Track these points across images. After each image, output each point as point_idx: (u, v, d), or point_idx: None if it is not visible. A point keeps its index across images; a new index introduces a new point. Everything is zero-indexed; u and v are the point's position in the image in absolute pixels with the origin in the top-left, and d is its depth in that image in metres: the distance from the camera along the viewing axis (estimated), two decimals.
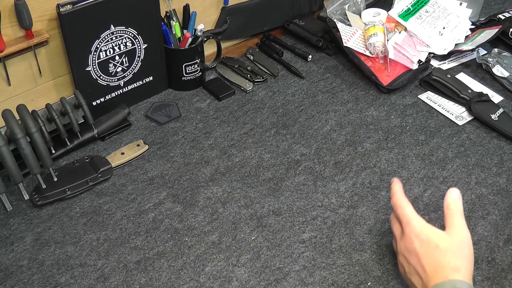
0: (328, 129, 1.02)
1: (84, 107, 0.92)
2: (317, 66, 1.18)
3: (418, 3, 1.22)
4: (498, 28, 1.18)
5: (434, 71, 1.10)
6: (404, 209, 0.72)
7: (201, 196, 0.89)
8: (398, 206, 0.73)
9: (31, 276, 0.77)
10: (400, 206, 0.73)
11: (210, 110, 1.07)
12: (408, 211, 0.72)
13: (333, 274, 0.77)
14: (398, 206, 0.74)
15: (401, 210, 0.73)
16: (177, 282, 0.76)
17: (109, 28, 0.95)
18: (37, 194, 0.87)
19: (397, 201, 0.74)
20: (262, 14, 1.22)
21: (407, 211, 0.72)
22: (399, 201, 0.74)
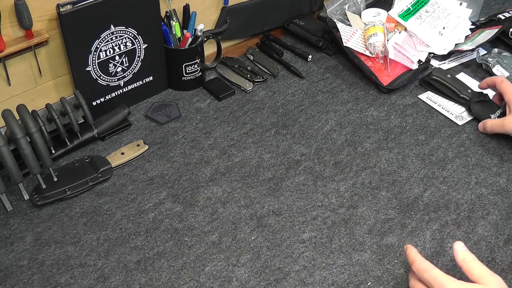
0: (328, 129, 1.02)
1: (84, 107, 0.92)
2: (317, 66, 1.18)
3: (418, 3, 1.22)
4: (498, 28, 1.18)
5: (434, 71, 1.10)
6: (433, 272, 0.69)
7: (201, 196, 0.89)
8: (423, 270, 0.69)
9: (31, 276, 0.77)
10: (425, 269, 0.69)
11: (210, 110, 1.07)
12: (437, 273, 0.68)
13: (333, 274, 0.77)
14: (423, 270, 0.69)
15: (429, 274, 0.69)
16: (177, 282, 0.76)
17: (109, 28, 0.95)
18: (37, 194, 0.87)
19: (421, 264, 0.70)
20: (262, 14, 1.22)
21: (437, 273, 0.68)
22: (423, 264, 0.70)
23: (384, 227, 0.84)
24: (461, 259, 0.70)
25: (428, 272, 0.69)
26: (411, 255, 0.72)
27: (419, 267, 0.70)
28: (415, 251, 0.72)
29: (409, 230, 0.83)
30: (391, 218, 0.85)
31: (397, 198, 0.89)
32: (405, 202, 0.88)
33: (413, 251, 0.73)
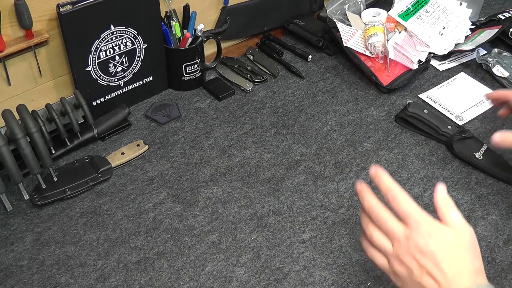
0: (328, 129, 1.02)
1: (84, 107, 0.92)
2: (317, 66, 1.18)
3: (418, 3, 1.22)
4: (498, 28, 1.18)
5: (410, 107, 1.01)
6: (410, 205, 0.63)
7: (201, 196, 0.89)
8: (399, 201, 0.63)
9: (31, 276, 0.77)
10: (402, 201, 0.63)
11: (210, 110, 1.07)
12: (415, 208, 0.63)
13: (333, 274, 0.77)
14: (399, 201, 0.63)
15: (406, 206, 0.63)
16: (177, 282, 0.76)
17: (109, 28, 0.95)
18: (37, 194, 0.87)
19: (397, 194, 0.64)
20: (262, 14, 1.22)
21: (415, 208, 0.63)
22: (399, 194, 0.64)
23: None
24: (440, 200, 0.65)
25: (406, 205, 0.63)
26: (386, 182, 0.64)
27: (395, 196, 0.63)
28: (384, 174, 0.65)
29: None
30: None
31: None
32: None
33: (382, 173, 0.65)
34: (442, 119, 1.01)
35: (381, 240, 0.64)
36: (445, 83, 1.13)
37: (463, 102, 1.08)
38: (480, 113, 1.06)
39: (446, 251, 0.61)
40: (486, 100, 0.97)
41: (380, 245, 0.64)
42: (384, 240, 0.64)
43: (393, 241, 0.63)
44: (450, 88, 1.12)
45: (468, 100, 1.08)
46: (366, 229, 0.65)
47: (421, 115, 1.00)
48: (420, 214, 0.63)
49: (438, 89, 1.12)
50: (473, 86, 1.12)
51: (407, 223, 0.63)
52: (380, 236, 0.64)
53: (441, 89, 1.12)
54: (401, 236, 0.63)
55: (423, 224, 0.62)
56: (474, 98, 1.09)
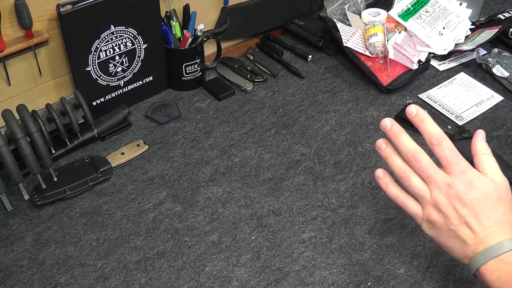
0: (328, 129, 1.02)
1: (84, 107, 0.92)
2: (317, 66, 1.18)
3: (418, 3, 1.22)
4: (498, 28, 1.18)
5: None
6: (456, 153, 0.62)
7: (201, 196, 0.89)
8: (445, 147, 0.62)
9: (31, 276, 0.77)
10: (449, 147, 0.62)
11: (210, 110, 1.07)
12: (461, 157, 0.62)
13: (333, 274, 0.77)
14: (445, 146, 0.62)
15: (452, 153, 0.62)
16: (177, 282, 0.76)
17: (109, 28, 0.95)
18: (37, 194, 0.87)
19: (443, 139, 0.62)
20: (262, 14, 1.22)
21: (460, 156, 0.62)
22: (445, 140, 0.62)
23: (384, 227, 0.84)
24: (478, 148, 0.65)
25: (451, 151, 0.62)
26: (429, 125, 0.63)
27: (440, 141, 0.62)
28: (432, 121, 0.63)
29: (409, 230, 0.83)
30: (391, 218, 0.85)
31: None
32: None
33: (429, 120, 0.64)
34: (442, 119, 1.01)
35: (420, 186, 0.63)
36: (445, 83, 1.13)
37: (463, 102, 1.08)
38: (480, 113, 1.06)
39: (486, 203, 0.61)
40: None
41: (418, 190, 0.63)
42: (423, 186, 0.63)
43: (432, 188, 0.62)
44: (450, 88, 1.12)
45: (468, 100, 1.08)
46: (403, 173, 0.63)
47: None
48: (465, 163, 0.62)
49: (438, 89, 1.12)
50: (473, 86, 1.12)
51: (449, 170, 0.62)
52: (419, 181, 0.63)
53: (441, 89, 1.12)
54: (441, 183, 0.62)
55: (467, 173, 0.61)
56: (474, 98, 1.09)
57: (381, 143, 0.66)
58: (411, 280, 0.76)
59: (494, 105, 1.07)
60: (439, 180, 0.62)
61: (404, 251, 0.80)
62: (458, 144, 0.94)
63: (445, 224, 0.62)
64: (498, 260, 0.60)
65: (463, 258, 0.63)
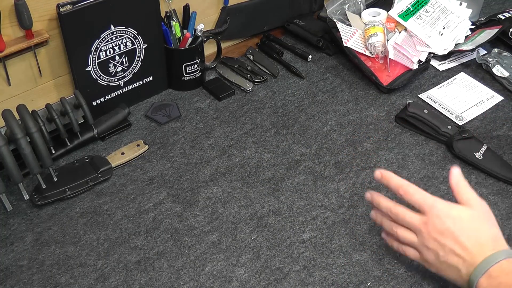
0: (328, 129, 1.02)
1: (84, 107, 0.92)
2: (317, 66, 1.18)
3: (418, 3, 1.22)
4: (498, 28, 1.18)
5: (410, 107, 1.00)
6: (422, 194, 0.70)
7: (201, 196, 0.89)
8: (412, 193, 0.70)
9: (31, 276, 0.77)
10: (414, 192, 0.70)
11: (210, 110, 1.07)
12: (427, 195, 0.69)
13: (333, 274, 0.77)
14: (411, 193, 0.70)
15: (419, 196, 0.70)
16: (177, 282, 0.76)
17: (109, 28, 0.95)
18: (37, 194, 0.87)
19: (407, 188, 0.70)
20: (262, 14, 1.22)
21: (426, 195, 0.69)
22: (410, 187, 0.70)
23: None
24: (455, 181, 0.71)
25: (419, 194, 0.69)
26: (394, 180, 0.71)
27: (406, 189, 0.70)
28: (393, 175, 0.72)
29: None
30: None
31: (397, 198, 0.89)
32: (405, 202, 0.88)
33: (391, 174, 0.72)
34: (442, 119, 1.01)
35: (406, 235, 0.70)
36: (445, 83, 1.13)
37: (463, 102, 1.08)
38: (480, 113, 1.06)
39: (462, 226, 0.66)
40: None
41: (407, 239, 0.70)
42: (409, 234, 0.70)
43: (416, 232, 0.69)
44: (450, 88, 1.12)
45: (468, 100, 1.08)
46: (391, 230, 0.72)
47: (421, 115, 1.00)
48: (432, 199, 0.69)
49: (438, 89, 1.12)
50: (473, 86, 1.12)
51: (422, 210, 0.69)
52: (404, 231, 0.70)
53: (441, 89, 1.12)
54: (420, 224, 0.68)
55: (437, 207, 0.68)
56: (474, 98, 1.09)
57: (372, 213, 0.76)
58: (411, 280, 0.76)
59: (494, 105, 1.07)
60: (417, 223, 0.69)
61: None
62: (458, 143, 0.95)
63: (436, 258, 0.68)
64: (486, 276, 0.63)
65: (464, 285, 0.67)
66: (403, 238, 0.71)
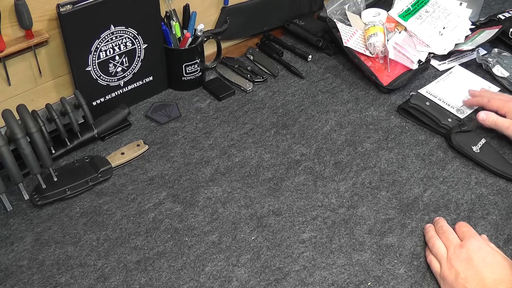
0: (328, 129, 1.02)
1: (84, 107, 0.92)
2: (317, 66, 1.18)
3: (418, 3, 1.22)
4: (498, 28, 1.18)
5: (412, 98, 1.03)
6: (470, 228, 0.80)
7: (201, 196, 0.89)
8: (464, 225, 0.82)
9: (31, 276, 0.77)
10: (465, 225, 0.81)
11: (210, 110, 1.07)
12: (472, 229, 0.80)
13: (333, 274, 0.77)
14: (464, 225, 0.82)
15: (467, 228, 0.80)
16: (177, 282, 0.76)
17: (109, 28, 0.95)
18: (37, 194, 0.87)
19: (462, 223, 0.83)
20: (262, 14, 1.22)
21: (471, 229, 0.80)
22: (463, 223, 0.83)
23: (384, 227, 0.84)
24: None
25: (467, 226, 0.81)
26: (440, 222, 0.83)
27: (460, 224, 0.82)
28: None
29: (409, 230, 0.83)
30: (391, 218, 0.85)
31: (397, 198, 0.89)
32: (405, 202, 0.88)
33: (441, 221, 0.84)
34: (443, 112, 1.02)
35: (440, 248, 0.78)
36: (442, 77, 1.14)
37: (462, 95, 1.09)
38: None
39: (490, 262, 0.73)
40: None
41: (438, 251, 0.78)
42: (443, 248, 0.78)
43: (449, 249, 0.77)
44: (448, 81, 1.13)
45: (467, 93, 1.09)
46: (431, 239, 0.80)
47: (423, 107, 1.01)
48: (474, 233, 0.79)
49: (437, 83, 1.12)
50: (469, 78, 1.13)
51: (463, 238, 0.79)
52: (441, 244, 0.79)
53: (439, 83, 1.13)
54: (456, 245, 0.77)
55: (476, 238, 0.77)
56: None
57: (427, 225, 0.84)
58: (411, 280, 0.77)
59: None
60: (454, 242, 0.78)
61: (404, 251, 0.80)
62: (456, 136, 0.96)
63: (455, 278, 0.73)
64: None
65: None
66: (436, 248, 0.78)
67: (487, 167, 0.93)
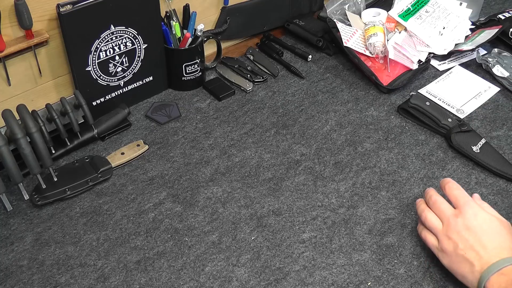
0: (328, 129, 1.02)
1: (84, 107, 0.92)
2: (317, 66, 1.18)
3: (418, 3, 1.22)
4: (498, 28, 1.18)
5: (413, 98, 1.02)
6: (461, 190, 0.77)
7: (201, 196, 0.89)
8: (455, 188, 0.77)
9: (31, 276, 0.77)
10: (457, 187, 0.77)
11: (210, 110, 1.07)
12: (465, 193, 0.76)
13: (333, 274, 0.77)
14: (455, 187, 0.77)
15: (457, 192, 0.76)
16: (177, 282, 0.76)
17: (109, 28, 0.95)
18: (37, 194, 0.87)
19: (451, 183, 0.78)
20: (262, 14, 1.22)
21: (464, 193, 0.76)
22: (453, 183, 0.78)
23: (384, 227, 0.84)
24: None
25: (459, 191, 0.77)
26: (446, 179, 0.79)
27: (451, 185, 0.78)
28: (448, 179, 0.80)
29: (409, 230, 0.83)
30: (391, 218, 0.85)
31: (397, 198, 0.89)
32: (405, 202, 0.88)
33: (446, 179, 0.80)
34: (443, 112, 1.02)
35: (433, 220, 0.75)
36: (442, 77, 1.14)
37: (462, 95, 1.09)
38: (480, 105, 1.07)
39: (488, 228, 0.71)
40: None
41: (432, 224, 0.75)
42: (436, 220, 0.75)
43: (443, 221, 0.75)
44: (448, 81, 1.13)
45: (467, 93, 1.09)
46: (422, 213, 0.77)
47: (423, 107, 1.01)
48: (468, 197, 0.75)
49: (437, 83, 1.12)
50: (470, 78, 1.13)
51: (456, 205, 0.75)
52: (433, 217, 0.76)
53: (439, 83, 1.13)
54: (450, 215, 0.74)
55: (470, 205, 0.74)
56: (472, 90, 1.11)
57: (418, 200, 0.82)
58: (411, 280, 0.77)
59: (494, 104, 1.07)
60: (448, 213, 0.75)
61: (404, 251, 0.80)
62: (456, 136, 0.96)
63: (454, 250, 0.72)
64: (499, 274, 0.67)
65: (473, 281, 0.70)
66: (429, 221, 0.76)
67: (487, 167, 0.93)
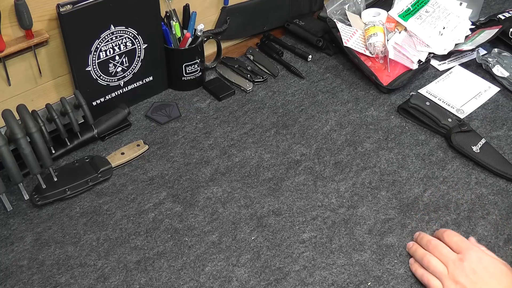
0: (328, 129, 1.02)
1: (84, 107, 0.92)
2: (317, 66, 1.18)
3: (418, 3, 1.22)
4: (498, 28, 1.18)
5: (413, 98, 1.02)
6: (460, 237, 0.78)
7: (201, 196, 0.89)
8: (454, 235, 0.78)
9: (31, 276, 0.77)
10: (455, 234, 0.79)
11: (210, 110, 1.07)
12: (465, 239, 0.78)
13: (333, 274, 0.77)
14: (453, 234, 0.78)
15: (458, 238, 0.78)
16: (177, 282, 0.76)
17: (109, 28, 0.95)
18: (37, 194, 0.87)
19: (450, 232, 0.79)
20: (262, 14, 1.22)
21: (464, 239, 0.78)
22: (451, 231, 0.79)
23: (384, 227, 0.84)
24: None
25: (456, 237, 0.78)
26: (441, 230, 0.81)
27: (448, 233, 0.79)
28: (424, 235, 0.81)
29: (409, 230, 0.83)
30: (391, 218, 0.85)
31: (397, 198, 0.89)
32: (405, 202, 0.88)
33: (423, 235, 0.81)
34: (443, 112, 1.02)
35: (438, 265, 0.75)
36: (442, 77, 1.14)
37: (462, 95, 1.09)
38: (480, 105, 1.07)
39: (494, 271, 0.73)
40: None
41: (437, 269, 0.75)
42: (441, 265, 0.75)
43: (447, 265, 0.75)
44: (448, 81, 1.13)
45: (467, 93, 1.09)
46: (424, 257, 0.77)
47: (423, 107, 1.01)
48: (468, 243, 0.77)
49: (437, 83, 1.12)
50: (470, 78, 1.13)
51: (459, 251, 0.76)
52: (437, 261, 0.76)
53: (439, 83, 1.13)
54: (455, 259, 0.75)
55: (474, 249, 0.75)
56: (472, 90, 1.11)
57: (410, 243, 0.81)
58: (411, 280, 0.77)
59: (494, 104, 1.07)
60: (452, 257, 0.75)
61: (404, 251, 0.80)
62: (456, 136, 0.96)
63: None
64: None
65: None
66: (433, 265, 0.75)
67: (487, 167, 0.93)
